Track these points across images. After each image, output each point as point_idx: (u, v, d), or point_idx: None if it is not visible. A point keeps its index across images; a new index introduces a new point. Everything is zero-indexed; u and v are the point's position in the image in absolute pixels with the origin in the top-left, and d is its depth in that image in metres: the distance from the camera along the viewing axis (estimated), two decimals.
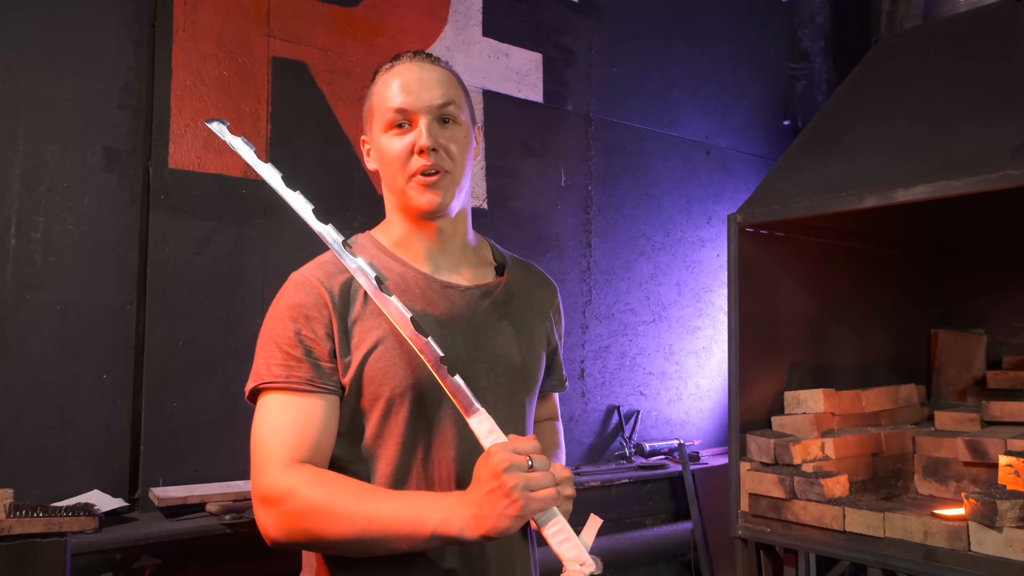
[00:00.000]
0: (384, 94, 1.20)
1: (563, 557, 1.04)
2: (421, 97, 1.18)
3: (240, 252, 2.29)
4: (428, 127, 1.17)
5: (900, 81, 2.70)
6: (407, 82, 1.19)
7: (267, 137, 2.37)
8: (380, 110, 1.21)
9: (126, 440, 2.15)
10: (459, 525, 1.00)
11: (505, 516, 0.98)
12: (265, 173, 1.16)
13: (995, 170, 2.03)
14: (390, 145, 1.19)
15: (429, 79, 1.20)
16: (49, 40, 2.09)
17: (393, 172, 1.20)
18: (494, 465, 0.99)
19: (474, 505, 1.00)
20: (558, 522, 1.04)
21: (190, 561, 1.99)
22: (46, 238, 2.05)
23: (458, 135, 1.21)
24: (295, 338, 1.14)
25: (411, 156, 1.18)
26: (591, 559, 1.03)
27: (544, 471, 1.01)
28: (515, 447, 1.01)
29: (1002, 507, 1.96)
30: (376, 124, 1.22)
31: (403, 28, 2.68)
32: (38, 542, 1.48)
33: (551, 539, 1.04)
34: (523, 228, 2.95)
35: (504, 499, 0.98)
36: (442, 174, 1.18)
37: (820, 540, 2.30)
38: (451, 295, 1.22)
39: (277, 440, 1.10)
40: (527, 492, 0.98)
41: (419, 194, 1.18)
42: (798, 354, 2.75)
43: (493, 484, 0.99)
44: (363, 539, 1.04)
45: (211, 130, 1.18)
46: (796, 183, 2.55)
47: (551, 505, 1.01)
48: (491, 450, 1.02)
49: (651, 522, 2.98)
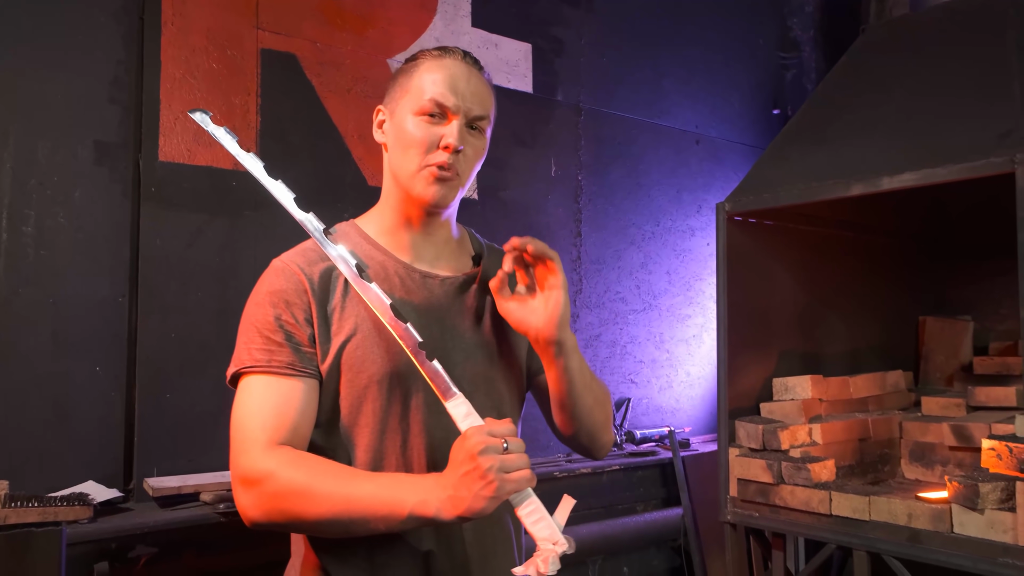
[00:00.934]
0: (428, 80, 1.22)
1: (536, 536, 1.06)
2: (466, 100, 1.22)
3: (232, 244, 2.31)
4: (460, 129, 1.21)
5: (887, 70, 2.72)
6: (455, 80, 1.22)
7: (257, 129, 2.38)
8: (419, 93, 1.22)
9: (120, 432, 2.16)
10: (435, 506, 1.03)
11: (480, 497, 1.01)
12: (248, 162, 1.19)
13: (979, 158, 2.06)
14: (418, 129, 1.21)
15: (477, 87, 1.24)
16: (38, 36, 2.09)
17: (410, 156, 1.21)
18: (470, 447, 1.02)
19: (450, 487, 1.02)
20: (532, 502, 1.06)
21: (185, 550, 2.02)
22: (38, 232, 2.07)
23: (479, 147, 1.26)
24: (275, 323, 1.16)
25: (434, 148, 1.20)
26: (564, 538, 1.05)
27: (519, 453, 1.04)
28: (491, 430, 1.04)
29: (984, 489, 2.00)
30: (408, 103, 1.23)
31: (393, 19, 2.69)
32: (33, 531, 1.51)
33: (525, 519, 1.07)
34: (513, 218, 2.96)
35: (479, 480, 1.01)
36: (454, 175, 1.21)
37: (807, 524, 2.33)
38: (430, 285, 1.25)
39: (257, 422, 1.12)
40: (502, 474, 1.01)
41: (427, 185, 1.20)
42: (788, 342, 2.77)
43: (469, 466, 1.02)
44: (341, 519, 1.06)
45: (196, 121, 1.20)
46: (784, 172, 2.57)
47: (525, 486, 1.04)
48: (467, 433, 1.05)
49: (642, 508, 3.01)
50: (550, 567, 1.03)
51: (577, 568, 2.82)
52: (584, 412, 1.28)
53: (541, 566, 1.03)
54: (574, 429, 1.30)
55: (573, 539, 1.06)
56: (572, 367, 1.22)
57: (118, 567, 1.92)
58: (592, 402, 1.28)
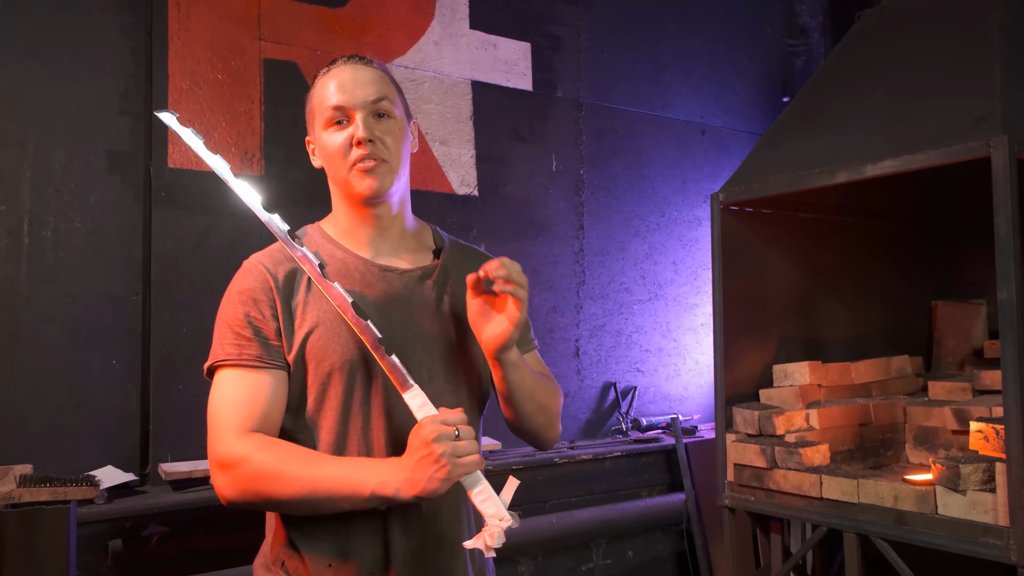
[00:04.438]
0: (323, 94, 1.32)
1: (485, 514, 1.16)
2: (356, 94, 1.29)
3: (237, 245, 2.44)
4: (364, 120, 1.28)
5: (878, 56, 2.72)
6: (342, 82, 1.30)
7: (261, 135, 2.51)
8: (320, 109, 1.32)
9: (136, 420, 2.32)
10: (394, 487, 1.13)
11: (434, 479, 1.11)
12: (214, 164, 1.29)
13: (956, 142, 2.06)
14: (331, 140, 1.30)
15: (363, 78, 1.31)
16: (53, 52, 2.25)
17: (336, 164, 1.31)
18: (424, 435, 1.12)
19: (407, 470, 1.13)
20: (481, 484, 1.17)
21: (195, 529, 2.16)
22: (56, 236, 2.23)
23: (393, 128, 1.32)
24: (244, 319, 1.26)
25: (350, 148, 1.29)
26: (509, 514, 1.16)
27: (469, 440, 1.14)
28: (444, 419, 1.14)
29: (965, 471, 2.01)
30: (317, 123, 1.33)
31: (390, 24, 2.79)
32: (44, 509, 1.65)
33: (475, 498, 1.17)
34: (514, 213, 3.04)
35: (433, 464, 1.11)
36: (379, 162, 1.29)
37: (799, 507, 2.37)
38: (389, 278, 1.33)
39: (231, 411, 1.22)
40: (454, 458, 1.12)
41: (359, 180, 1.29)
42: (788, 328, 2.79)
43: (424, 452, 1.12)
44: (309, 499, 1.17)
45: (173, 123, 1.29)
46: (775, 160, 2.59)
47: (475, 469, 1.14)
48: (422, 422, 1.15)
49: (646, 493, 3.07)
50: (496, 540, 1.14)
51: (581, 551, 2.89)
52: (526, 415, 1.37)
53: (488, 540, 1.14)
54: (517, 425, 1.41)
55: (519, 516, 1.17)
56: (511, 378, 1.31)
57: (132, 544, 2.07)
58: (533, 408, 1.37)
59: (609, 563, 2.95)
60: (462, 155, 2.90)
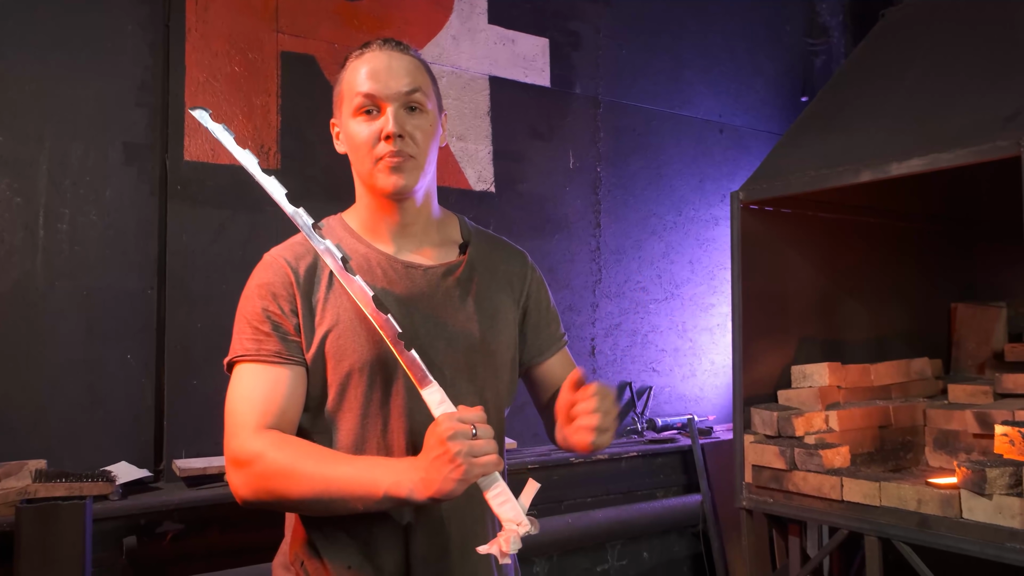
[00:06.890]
0: (353, 80, 1.26)
1: (502, 517, 1.11)
2: (389, 85, 1.23)
3: (253, 239, 2.42)
4: (395, 114, 1.23)
5: (903, 54, 2.68)
6: (375, 69, 1.24)
7: (278, 128, 2.49)
8: (349, 95, 1.26)
9: (151, 416, 2.30)
10: (408, 487, 1.08)
11: (449, 480, 1.05)
12: (243, 158, 1.26)
13: (985, 141, 2.03)
14: (358, 130, 1.25)
15: (397, 67, 1.25)
16: (70, 45, 2.24)
17: (361, 156, 1.26)
18: (440, 433, 1.07)
19: (422, 469, 1.08)
20: (499, 485, 1.11)
21: (209, 527, 2.14)
22: (72, 229, 2.21)
23: (424, 123, 1.26)
24: (263, 314, 1.23)
25: (378, 142, 1.23)
26: (527, 519, 1.10)
27: (487, 439, 1.08)
28: (461, 416, 1.09)
29: (991, 475, 1.98)
30: (345, 108, 1.27)
31: (408, 19, 2.77)
32: (60, 504, 1.63)
33: (491, 501, 1.11)
34: (531, 210, 3.01)
35: (448, 464, 1.05)
36: (406, 159, 1.24)
37: (819, 510, 2.34)
38: (413, 275, 1.29)
39: (248, 407, 1.19)
40: (470, 458, 1.06)
41: (385, 177, 1.24)
42: (807, 329, 2.76)
43: (439, 450, 1.06)
44: (322, 499, 1.13)
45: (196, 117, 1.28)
46: (797, 159, 2.56)
47: (492, 470, 1.09)
48: (439, 419, 1.10)
49: (662, 494, 3.04)
50: (511, 546, 1.09)
51: (596, 552, 2.86)
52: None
53: (503, 545, 1.09)
54: (564, 447, 1.34)
55: (537, 521, 1.11)
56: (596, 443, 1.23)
57: (146, 541, 2.05)
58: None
59: (624, 564, 2.92)
60: (479, 151, 2.87)
